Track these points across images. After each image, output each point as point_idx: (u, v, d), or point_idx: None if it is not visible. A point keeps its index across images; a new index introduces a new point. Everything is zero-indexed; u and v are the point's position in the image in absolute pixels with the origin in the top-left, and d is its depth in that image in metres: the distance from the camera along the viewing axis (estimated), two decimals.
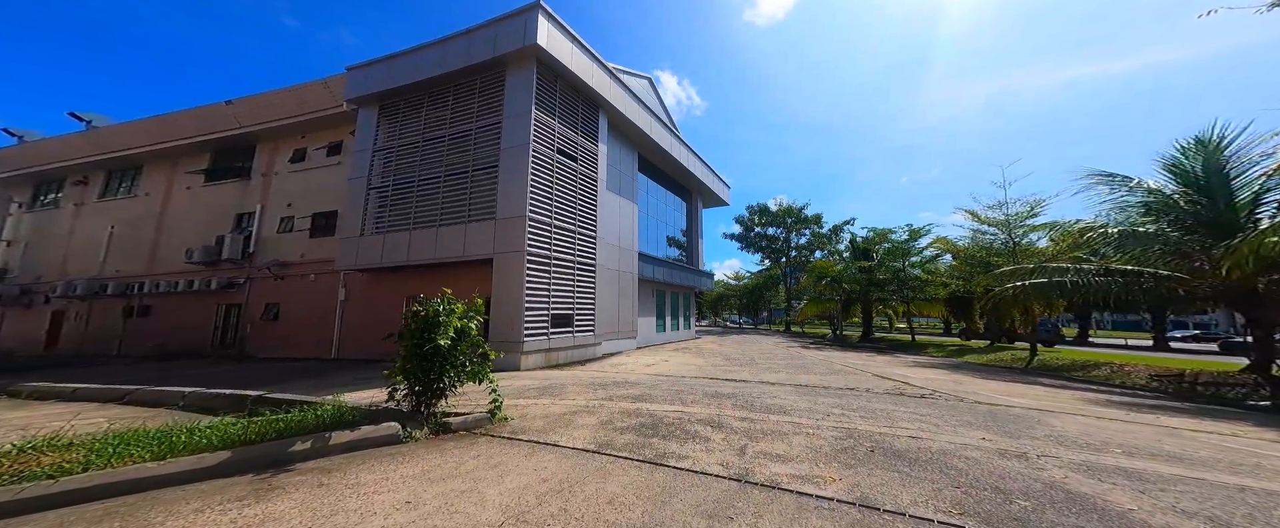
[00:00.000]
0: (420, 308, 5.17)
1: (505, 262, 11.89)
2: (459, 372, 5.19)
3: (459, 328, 5.10)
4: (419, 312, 5.13)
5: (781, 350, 18.82)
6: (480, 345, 5.49)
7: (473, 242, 12.27)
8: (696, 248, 27.99)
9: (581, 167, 15.41)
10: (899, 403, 7.04)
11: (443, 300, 5.25)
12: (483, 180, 12.90)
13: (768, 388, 8.49)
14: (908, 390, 8.48)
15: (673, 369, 11.86)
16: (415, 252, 12.71)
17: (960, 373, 12.29)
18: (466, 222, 12.52)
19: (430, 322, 4.99)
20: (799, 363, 13.90)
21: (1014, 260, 16.09)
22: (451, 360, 5.06)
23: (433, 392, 5.10)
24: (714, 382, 9.40)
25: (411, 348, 4.93)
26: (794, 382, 9.57)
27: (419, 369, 4.92)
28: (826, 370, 11.90)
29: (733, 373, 11.17)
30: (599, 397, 7.15)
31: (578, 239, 14.65)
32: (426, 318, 5.02)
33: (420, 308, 5.17)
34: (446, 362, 5.01)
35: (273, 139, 18.05)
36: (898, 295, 23.83)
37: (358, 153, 14.48)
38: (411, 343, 4.95)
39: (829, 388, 8.67)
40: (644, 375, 10.35)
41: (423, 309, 5.13)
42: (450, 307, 5.21)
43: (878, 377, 10.72)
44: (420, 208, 13.21)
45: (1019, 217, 16.32)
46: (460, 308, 5.31)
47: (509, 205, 12.25)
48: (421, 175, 13.47)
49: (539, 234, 12.63)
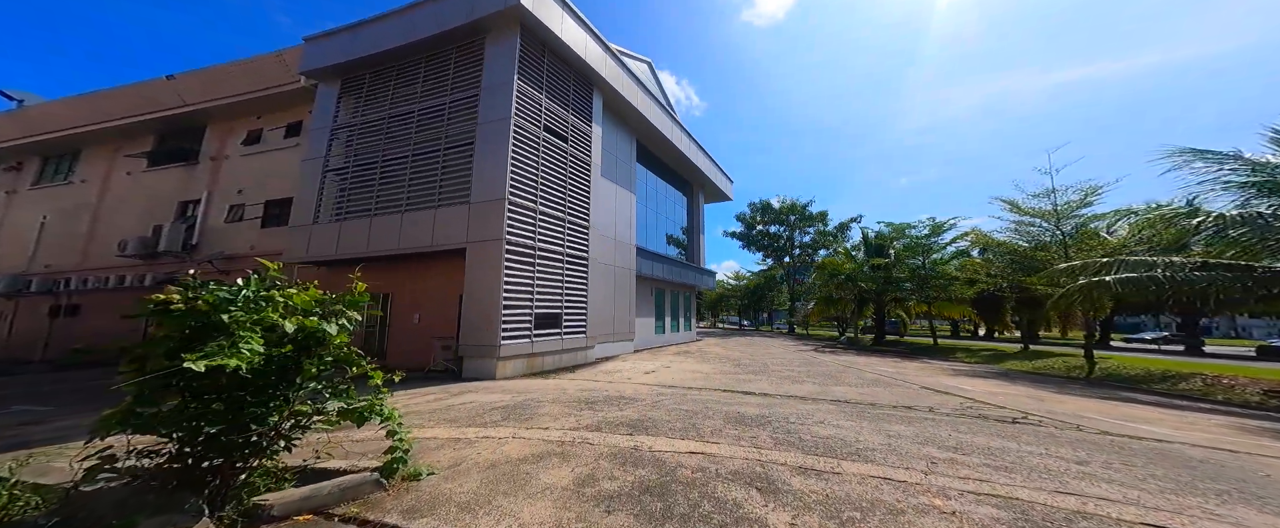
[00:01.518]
0: (178, 294, 2.69)
1: (480, 252, 9.91)
2: (303, 410, 3.02)
3: (303, 332, 2.90)
4: (176, 302, 2.64)
5: (794, 354, 16.87)
6: (351, 362, 3.37)
7: (443, 229, 10.30)
8: (698, 244, 26.06)
9: (573, 148, 13.48)
10: (1006, 435, 5.12)
11: (249, 282, 3.02)
12: (456, 160, 10.93)
13: (803, 407, 6.55)
14: (989, 412, 6.54)
15: (677, 378, 9.90)
16: (377, 241, 10.72)
17: (1024, 385, 10.36)
18: (436, 206, 10.55)
19: (203, 323, 2.64)
20: (822, 370, 11.95)
21: (1065, 254, 14.19)
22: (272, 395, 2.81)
23: (232, 456, 2.73)
24: (731, 397, 7.45)
25: (157, 377, 2.52)
26: (830, 397, 7.63)
27: (183, 416, 2.56)
28: (860, 380, 9.95)
29: (749, 383, 9.22)
30: (582, 424, 5.18)
31: (568, 229, 12.69)
32: (192, 313, 2.64)
33: (178, 294, 2.69)
34: (264, 396, 2.77)
35: (225, 119, 16.06)
36: (917, 295, 21.94)
37: (314, 132, 12.50)
38: (160, 365, 2.53)
39: (879, 406, 6.74)
40: (643, 387, 8.38)
41: (187, 294, 2.71)
42: (261, 292, 2.97)
43: (931, 391, 8.77)
44: (384, 192, 11.22)
45: (1070, 206, 14.41)
46: (298, 297, 3.11)
47: (486, 187, 10.29)
48: (386, 155, 11.50)
49: (521, 221, 10.66)
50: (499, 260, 9.79)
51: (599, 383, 9.21)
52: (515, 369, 10.06)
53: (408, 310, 11.31)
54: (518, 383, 8.79)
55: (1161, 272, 9.55)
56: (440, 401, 6.61)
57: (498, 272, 9.73)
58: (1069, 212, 14.50)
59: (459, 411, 5.81)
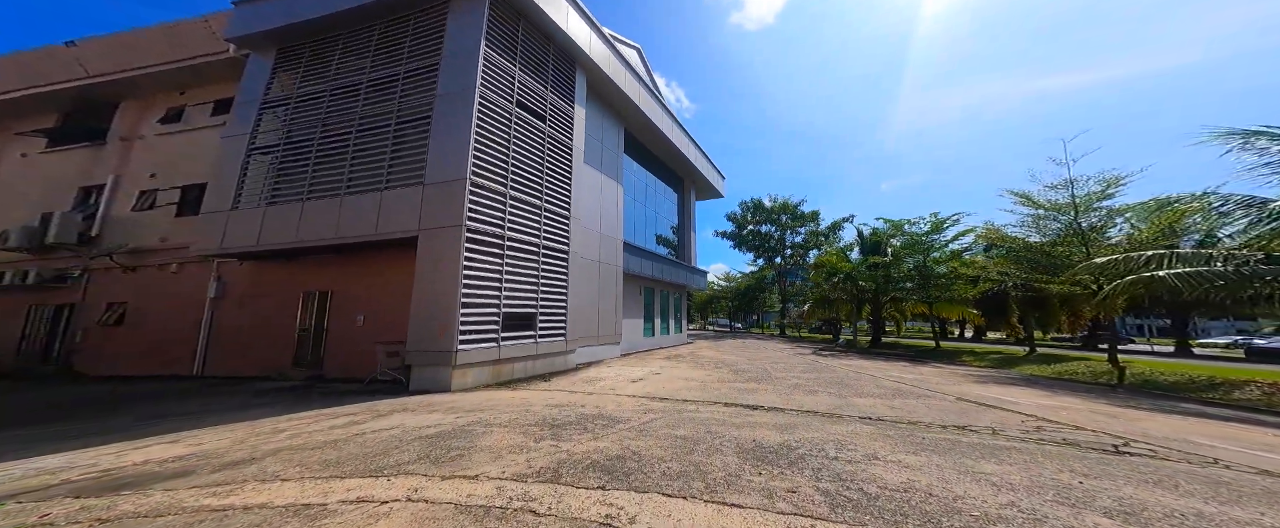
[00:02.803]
0: None
1: (435, 240, 8.24)
2: None
3: None
4: None
5: (794, 358, 15.38)
6: None
7: (391, 214, 8.59)
8: (689, 242, 24.54)
9: (551, 129, 11.88)
10: (1142, 476, 3.65)
11: None
12: (410, 136, 9.25)
13: (833, 429, 5.02)
14: (1071, 435, 5.06)
15: (669, 387, 8.32)
16: (309, 229, 8.94)
17: (1067, 394, 8.95)
18: (383, 188, 8.84)
19: None
20: (831, 376, 10.45)
21: (1086, 251, 12.91)
22: None
23: None
24: (737, 414, 5.89)
25: None
26: (857, 412, 6.11)
27: None
28: (881, 389, 8.46)
29: (754, 394, 7.68)
30: (534, 467, 3.59)
31: (545, 218, 11.07)
32: None
33: None
34: None
35: (142, 95, 13.90)
36: (918, 295, 20.63)
37: (240, 106, 10.61)
38: None
39: (925, 425, 5.25)
40: (629, 401, 6.78)
41: None
42: None
43: (971, 403, 7.30)
44: (320, 173, 9.44)
45: (1090, 198, 13.12)
46: None
47: (443, 166, 8.64)
48: (325, 132, 9.72)
49: (487, 205, 9.02)
50: (457, 250, 8.11)
51: (576, 395, 7.58)
52: (477, 379, 8.37)
53: (350, 311, 9.54)
54: (474, 397, 7.11)
55: (1223, 264, 8.24)
56: (351, 427, 4.93)
57: (455, 263, 8.05)
58: (1089, 203, 13.22)
59: (361, 445, 4.14)
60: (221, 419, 5.53)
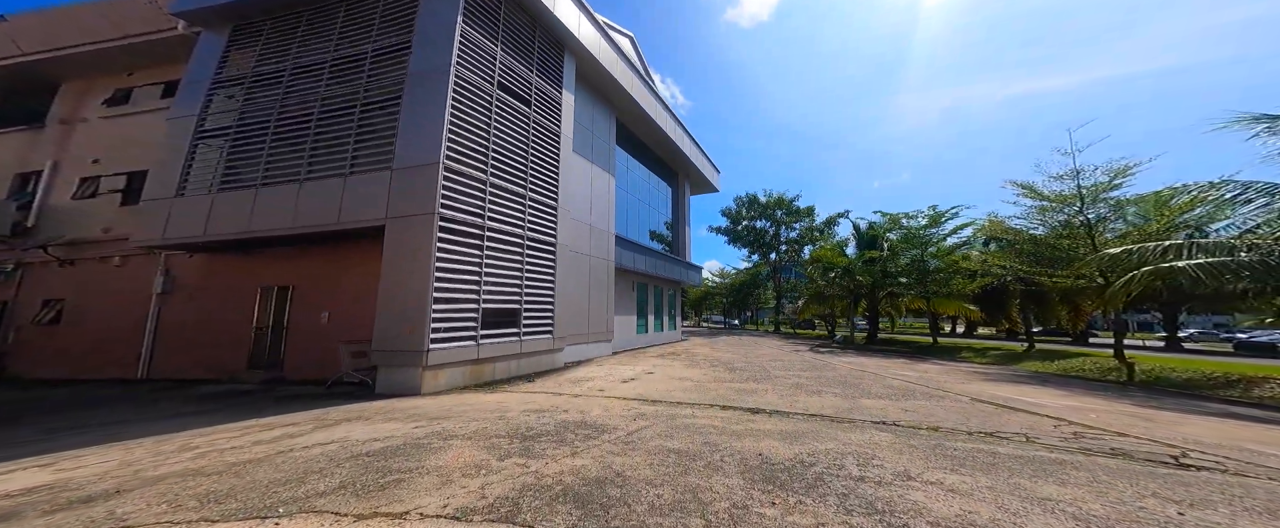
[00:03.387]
0: None
1: (404, 230, 7.48)
2: None
3: None
4: None
5: (791, 355, 14.77)
6: None
7: (355, 202, 7.81)
8: (683, 237, 23.87)
9: (538, 115, 11.13)
10: (1228, 498, 2.95)
11: None
12: (378, 119, 8.45)
13: (849, 438, 4.36)
14: (1116, 443, 4.44)
15: (662, 387, 7.63)
16: (263, 218, 8.12)
17: (1087, 394, 8.36)
18: (347, 173, 8.04)
19: None
20: (833, 375, 9.82)
21: (1092, 243, 12.39)
22: None
23: None
24: (738, 419, 5.21)
25: None
26: (870, 416, 5.45)
27: None
28: (888, 389, 7.83)
29: (755, 395, 7.01)
30: (490, 497, 2.94)
31: (530, 207, 10.33)
32: None
33: None
34: None
35: (84, 75, 12.83)
36: (916, 290, 20.10)
37: (188, 87, 9.69)
38: None
39: (949, 431, 4.60)
40: (617, 404, 6.08)
41: None
42: None
43: (989, 404, 6.68)
44: (276, 158, 8.60)
45: (1097, 188, 12.57)
46: None
47: (415, 149, 7.87)
48: (283, 114, 8.86)
49: (464, 192, 8.27)
50: (429, 240, 7.35)
51: (561, 397, 6.87)
52: (452, 381, 7.63)
53: (314, 308, 8.74)
54: (445, 401, 6.37)
55: (1247, 254, 7.69)
56: (280, 442, 4.16)
57: (427, 255, 7.29)
58: (1096, 194, 12.67)
59: (275, 469, 3.34)
60: (140, 431, 4.76)
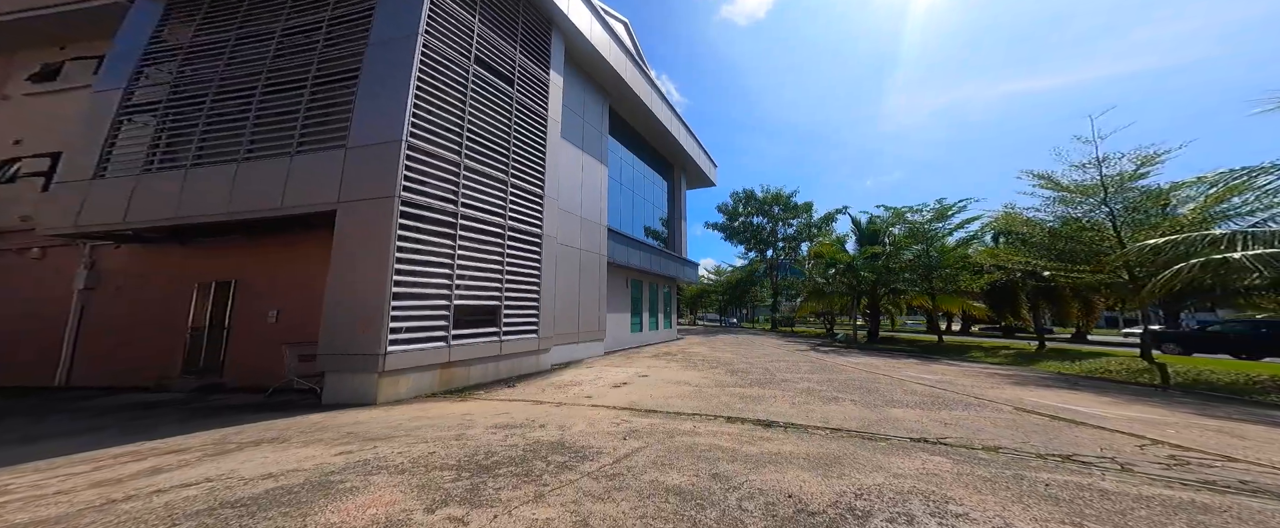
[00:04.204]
0: None
1: (358, 215, 6.43)
2: None
3: None
4: None
5: (794, 355, 13.81)
6: None
7: (302, 184, 6.75)
8: (679, 232, 22.88)
9: (522, 95, 10.11)
10: None
11: None
12: (332, 94, 7.39)
13: (897, 464, 3.44)
14: (1195, 463, 3.44)
15: (658, 393, 6.63)
16: (193, 202, 7.02)
17: (1137, 401, 7.43)
18: (294, 152, 6.98)
19: None
20: (844, 378, 8.87)
21: (1118, 237, 11.51)
22: None
23: None
24: (749, 436, 4.24)
25: None
26: (907, 431, 4.50)
27: None
28: (914, 397, 6.87)
29: (764, 404, 6.03)
30: None
31: (512, 194, 9.31)
32: None
33: None
34: None
35: (7, 48, 11.40)
36: (920, 286, 19.20)
37: (115, 59, 8.50)
38: None
39: (1013, 452, 3.68)
40: (605, 416, 5.07)
41: None
42: None
43: (1042, 416, 5.73)
44: (212, 136, 7.50)
45: (1122, 178, 11.65)
46: None
47: (373, 125, 6.82)
48: (223, 89, 7.75)
49: (433, 175, 7.24)
50: (388, 227, 6.30)
51: (541, 407, 5.85)
52: (417, 387, 6.59)
53: (261, 306, 7.65)
54: (400, 413, 5.33)
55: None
56: (139, 478, 3.08)
57: (385, 243, 6.24)
58: (1121, 183, 11.75)
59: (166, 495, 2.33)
60: None
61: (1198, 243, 7.96)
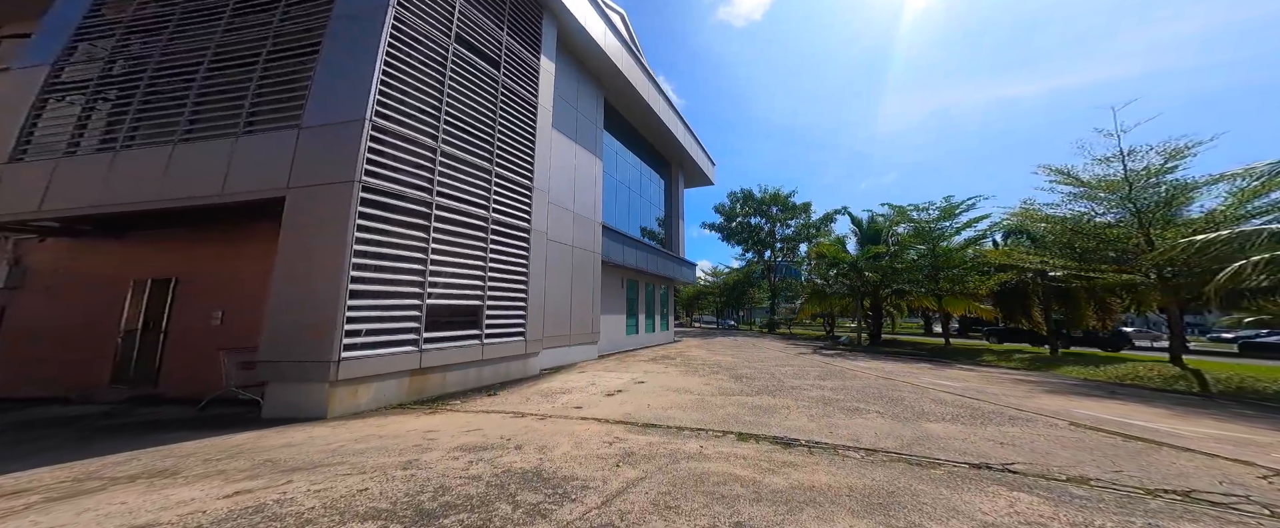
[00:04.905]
0: None
1: (310, 202, 5.55)
2: None
3: None
4: None
5: (799, 359, 12.97)
6: None
7: (247, 168, 5.86)
8: (677, 231, 22.02)
9: (509, 79, 9.28)
10: None
11: None
12: (286, 71, 6.51)
13: (970, 504, 2.53)
14: None
15: (657, 405, 5.76)
16: (120, 188, 6.09)
17: (1208, 416, 6.65)
18: (240, 132, 6.07)
19: None
20: (859, 385, 8.02)
21: (1147, 236, 10.76)
22: None
23: None
24: (773, 461, 3.41)
25: None
26: (963, 456, 3.70)
27: None
28: (946, 408, 6.04)
29: (777, 417, 5.20)
30: None
31: (497, 185, 8.45)
32: None
33: None
34: None
35: None
36: (926, 287, 18.41)
37: (45, 33, 7.51)
38: None
39: (1106, 488, 2.85)
40: (596, 435, 4.21)
41: None
42: None
43: (1093, 430, 4.88)
44: (147, 115, 6.57)
45: (1149, 172, 10.90)
46: None
47: (333, 103, 5.96)
48: (163, 64, 6.82)
49: (403, 159, 6.40)
50: (346, 216, 5.40)
51: (522, 421, 4.97)
52: (380, 397, 5.67)
53: (204, 306, 6.70)
54: (348, 431, 4.42)
55: None
56: None
57: (342, 234, 5.35)
58: (1148, 178, 10.98)
59: None
60: None
61: (1255, 238, 7.17)
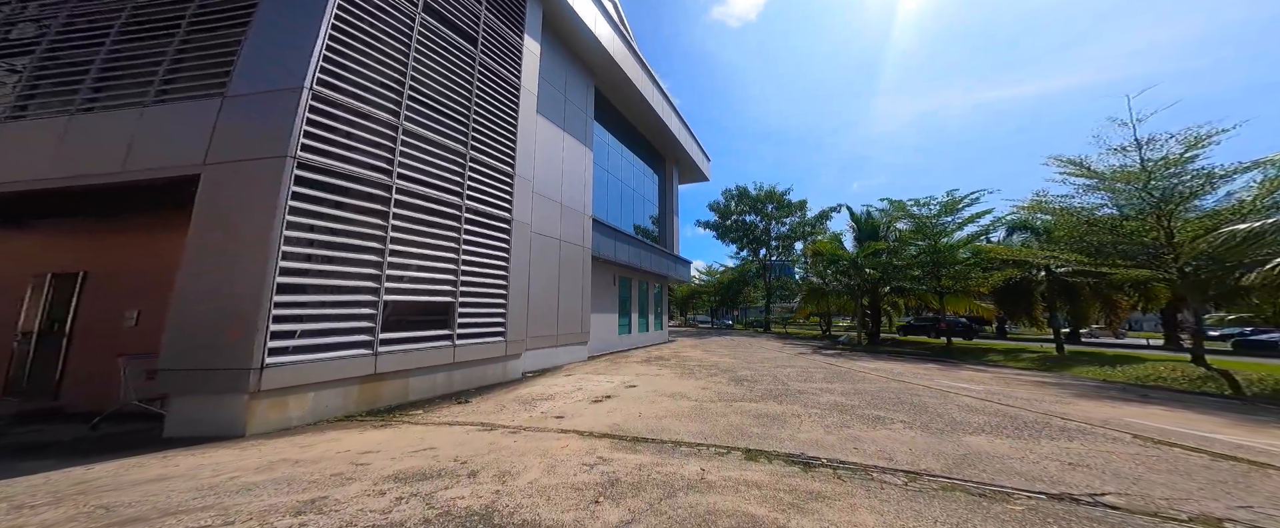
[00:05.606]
0: None
1: (231, 180, 4.66)
2: None
3: None
4: None
5: (800, 360, 12.17)
6: None
7: (154, 142, 4.95)
8: (671, 227, 21.17)
9: (487, 57, 8.40)
10: None
11: None
12: (213, 35, 5.51)
13: None
14: None
15: (650, 413, 4.90)
16: None
17: (1267, 422, 5.83)
18: (150, 101, 5.14)
19: None
20: (873, 390, 7.22)
21: (1168, 231, 10.06)
22: None
23: None
24: (799, 495, 2.58)
25: None
26: (1033, 483, 2.91)
27: None
28: (979, 416, 5.24)
29: (789, 429, 4.38)
30: None
31: (472, 170, 7.57)
32: None
33: None
34: None
35: None
36: (927, 285, 17.67)
37: None
38: None
39: None
40: (576, 453, 3.33)
41: None
42: None
43: (1172, 446, 4.10)
44: (40, 85, 5.61)
45: (1167, 163, 10.18)
46: None
47: (266, 68, 5.08)
48: (65, 25, 5.84)
49: (356, 135, 5.55)
50: (275, 194, 4.49)
51: (488, 436, 4.08)
52: (321, 408, 4.76)
53: (117, 304, 5.74)
54: (259, 452, 3.52)
55: None
56: None
57: (269, 217, 4.43)
58: (1167, 169, 10.26)
59: None
60: None
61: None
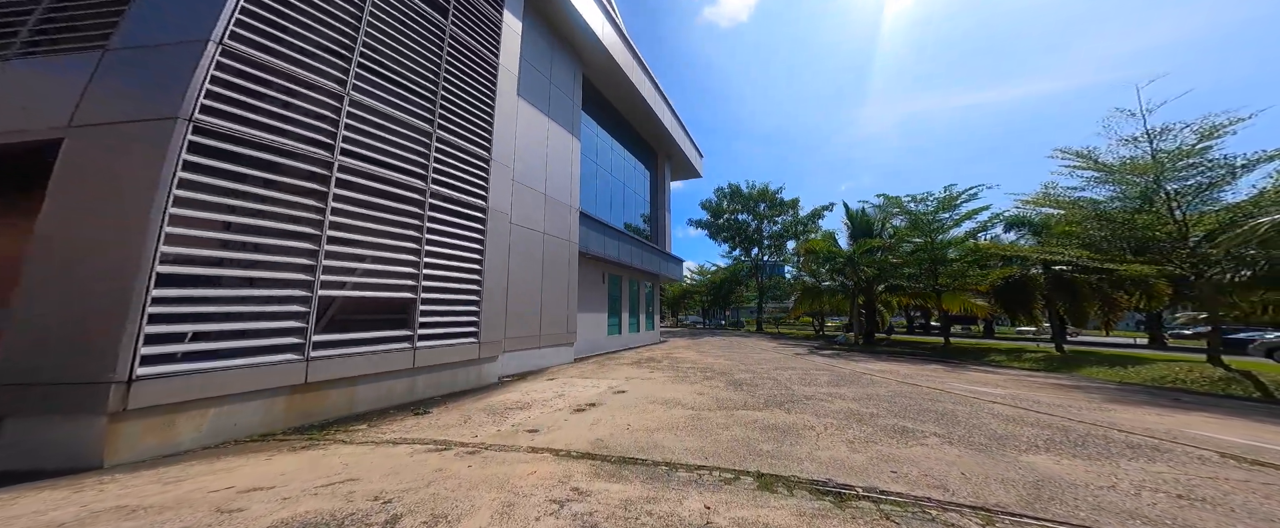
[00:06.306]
0: None
1: (102, 147, 3.67)
2: None
3: None
4: None
5: (799, 361, 11.38)
6: None
7: (12, 100, 3.91)
8: (663, 224, 20.31)
9: (458, 29, 7.49)
10: None
11: None
12: None
13: None
14: None
15: (640, 426, 4.01)
16: None
17: None
18: (10, 56, 4.17)
19: None
20: (886, 395, 6.43)
21: (1184, 225, 9.45)
22: None
23: None
24: None
25: None
26: (1133, 521, 1.88)
27: None
28: (1029, 430, 4.48)
29: (809, 447, 3.53)
30: None
31: (438, 151, 6.67)
32: None
33: None
34: None
35: None
36: (924, 283, 17.02)
37: None
38: None
39: None
40: (546, 482, 2.45)
41: None
42: None
43: (1259, 466, 3.22)
44: None
45: (1180, 153, 9.57)
46: None
47: (163, 18, 4.17)
48: None
49: (289, 104, 4.55)
50: (159, 163, 3.55)
51: (436, 458, 3.16)
52: (229, 426, 3.82)
53: None
54: (105, 492, 2.59)
55: None
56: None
57: (151, 188, 3.49)
58: (1176, 161, 9.63)
59: None
60: None
61: None
